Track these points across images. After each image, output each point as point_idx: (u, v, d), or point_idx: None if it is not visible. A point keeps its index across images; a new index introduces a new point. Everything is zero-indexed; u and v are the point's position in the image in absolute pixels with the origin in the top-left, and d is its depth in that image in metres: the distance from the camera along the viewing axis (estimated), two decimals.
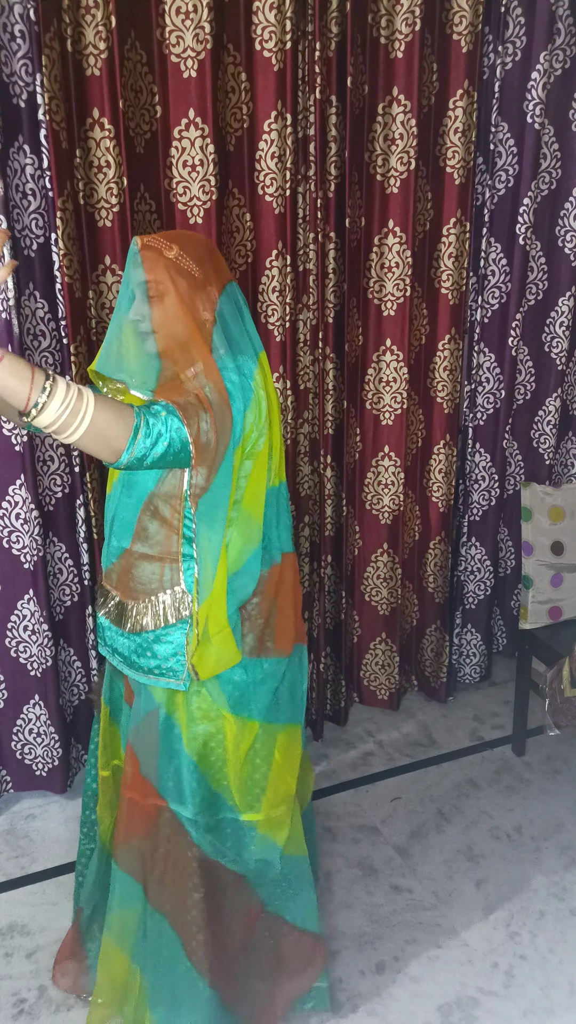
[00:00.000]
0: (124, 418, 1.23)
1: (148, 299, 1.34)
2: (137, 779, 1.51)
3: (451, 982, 1.84)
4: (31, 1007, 1.80)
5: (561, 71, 2.39)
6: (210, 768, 1.50)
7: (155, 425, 1.26)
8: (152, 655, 1.46)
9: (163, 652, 1.45)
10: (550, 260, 2.58)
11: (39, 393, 1.15)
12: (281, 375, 2.23)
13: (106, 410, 1.21)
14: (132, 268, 1.35)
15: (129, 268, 1.36)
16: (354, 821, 2.30)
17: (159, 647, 1.45)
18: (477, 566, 2.81)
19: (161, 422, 1.27)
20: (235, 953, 1.59)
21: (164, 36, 1.92)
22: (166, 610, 1.44)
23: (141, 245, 1.34)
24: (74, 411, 1.17)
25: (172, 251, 1.34)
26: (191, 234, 1.48)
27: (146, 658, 1.47)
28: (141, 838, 1.53)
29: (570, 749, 2.58)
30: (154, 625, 1.45)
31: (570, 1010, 1.78)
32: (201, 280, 1.36)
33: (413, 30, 2.13)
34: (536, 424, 2.74)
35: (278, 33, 1.96)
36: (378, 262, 2.35)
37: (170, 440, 1.27)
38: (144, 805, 1.51)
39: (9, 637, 2.23)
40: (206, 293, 1.36)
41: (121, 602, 1.49)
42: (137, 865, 1.54)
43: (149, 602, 1.45)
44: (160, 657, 1.46)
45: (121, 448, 1.23)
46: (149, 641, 1.46)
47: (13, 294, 1.92)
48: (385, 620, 2.71)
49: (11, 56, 1.82)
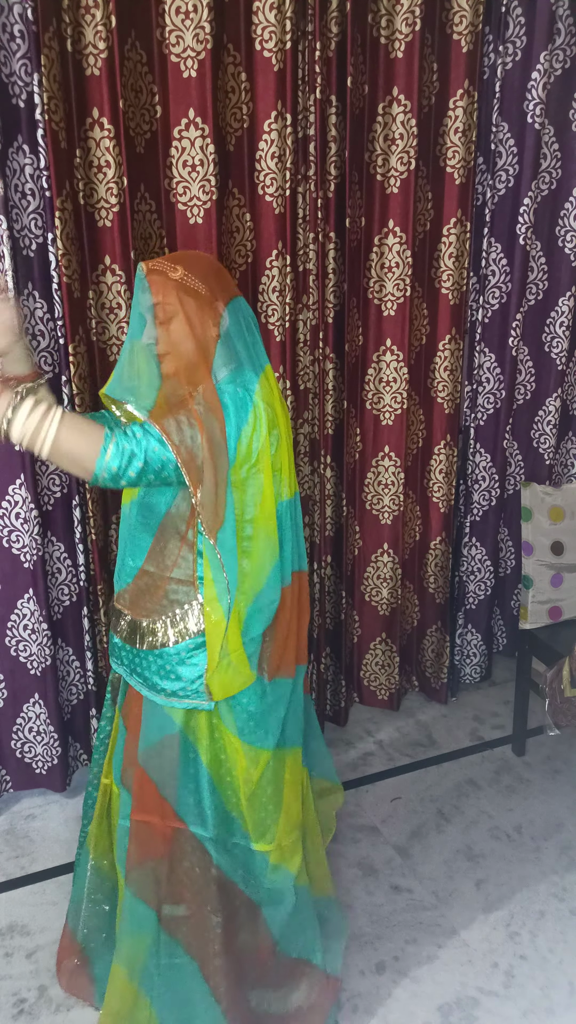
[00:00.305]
0: (90, 437, 1.27)
1: (157, 322, 1.36)
2: (154, 801, 1.49)
3: (451, 982, 1.84)
4: (31, 1007, 1.80)
5: (561, 71, 2.39)
6: (225, 790, 1.50)
7: (127, 445, 1.28)
8: (177, 677, 1.46)
9: (189, 675, 1.45)
10: (550, 260, 2.58)
11: (7, 410, 1.25)
12: (281, 375, 2.23)
13: (72, 429, 1.27)
14: (140, 293, 1.37)
15: (138, 293, 1.38)
16: (354, 821, 2.30)
17: (184, 669, 1.45)
18: (477, 566, 2.81)
19: (135, 443, 1.29)
20: (248, 986, 1.58)
21: (164, 36, 1.92)
22: (187, 625, 1.44)
23: (147, 270, 1.36)
24: (36, 429, 1.25)
25: (177, 272, 1.36)
26: (195, 253, 1.50)
27: (170, 680, 1.46)
28: (157, 861, 1.52)
29: (570, 749, 2.58)
30: (172, 642, 1.45)
31: (570, 1010, 1.78)
32: (208, 297, 1.37)
33: (413, 30, 2.13)
34: (536, 424, 2.74)
35: (278, 33, 1.96)
36: (378, 262, 2.35)
37: (145, 460, 1.29)
38: (161, 827, 1.50)
39: (9, 636, 2.23)
40: (213, 309, 1.38)
41: (134, 620, 1.49)
42: (151, 890, 1.52)
43: (164, 620, 1.45)
44: (185, 679, 1.45)
45: (91, 467, 1.28)
46: (174, 663, 1.46)
47: (12, 294, 1.92)
48: (385, 620, 2.71)
49: (10, 56, 1.82)
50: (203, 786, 1.49)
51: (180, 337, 1.36)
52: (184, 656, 1.45)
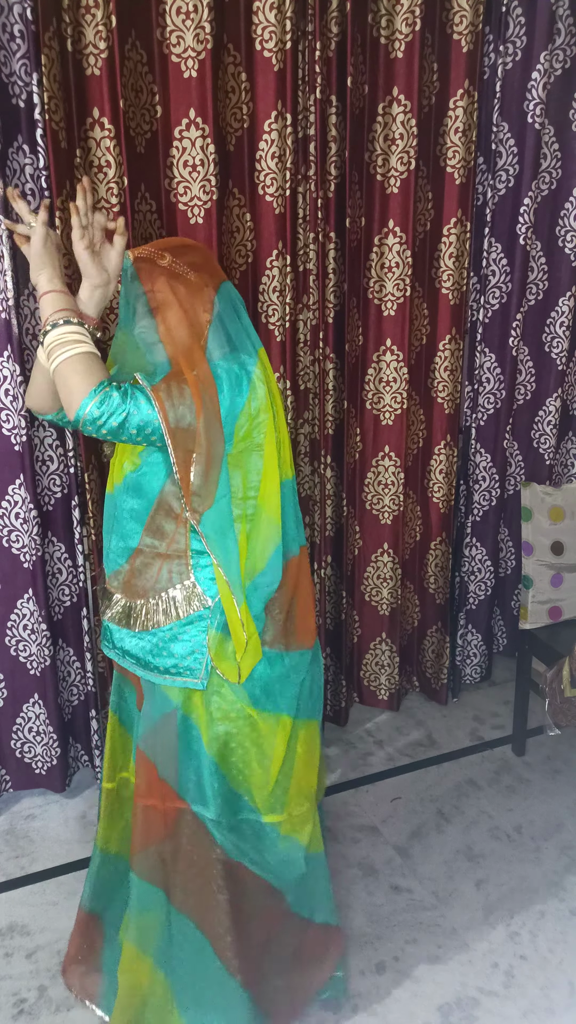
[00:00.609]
0: (88, 379, 1.32)
1: (150, 310, 1.36)
2: (154, 784, 1.49)
3: (451, 982, 1.84)
4: (31, 1007, 1.80)
5: (561, 71, 2.39)
6: (230, 769, 1.49)
7: (117, 398, 1.31)
8: (169, 654, 1.45)
9: (180, 650, 1.45)
10: (550, 260, 2.58)
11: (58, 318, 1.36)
12: (281, 375, 2.23)
13: (81, 363, 1.33)
14: (129, 283, 1.37)
15: (127, 283, 1.38)
16: (354, 821, 2.30)
17: (176, 645, 1.45)
18: (478, 567, 2.81)
19: (129, 399, 1.32)
20: (258, 952, 1.59)
21: (164, 36, 1.92)
22: (178, 606, 1.44)
23: (134, 258, 1.37)
24: (60, 345, 1.34)
25: (165, 259, 1.37)
26: (181, 239, 1.49)
27: (162, 657, 1.46)
28: (161, 843, 1.52)
29: (570, 749, 2.58)
30: (166, 621, 1.44)
31: (570, 1010, 1.78)
32: (197, 283, 1.37)
33: (413, 30, 2.13)
34: (536, 424, 2.74)
35: (278, 33, 1.96)
36: (378, 262, 2.35)
37: (127, 415, 1.31)
38: (164, 809, 1.50)
39: (9, 636, 2.23)
40: (203, 295, 1.38)
41: (128, 603, 1.49)
42: (158, 871, 1.52)
43: (160, 599, 1.45)
44: (177, 656, 1.45)
45: (75, 406, 1.31)
46: (166, 640, 1.45)
47: (12, 294, 1.92)
48: (385, 620, 2.71)
49: (10, 56, 1.82)
50: (204, 765, 1.48)
51: (173, 323, 1.36)
52: (176, 632, 1.45)
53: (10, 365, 1.98)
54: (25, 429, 2.03)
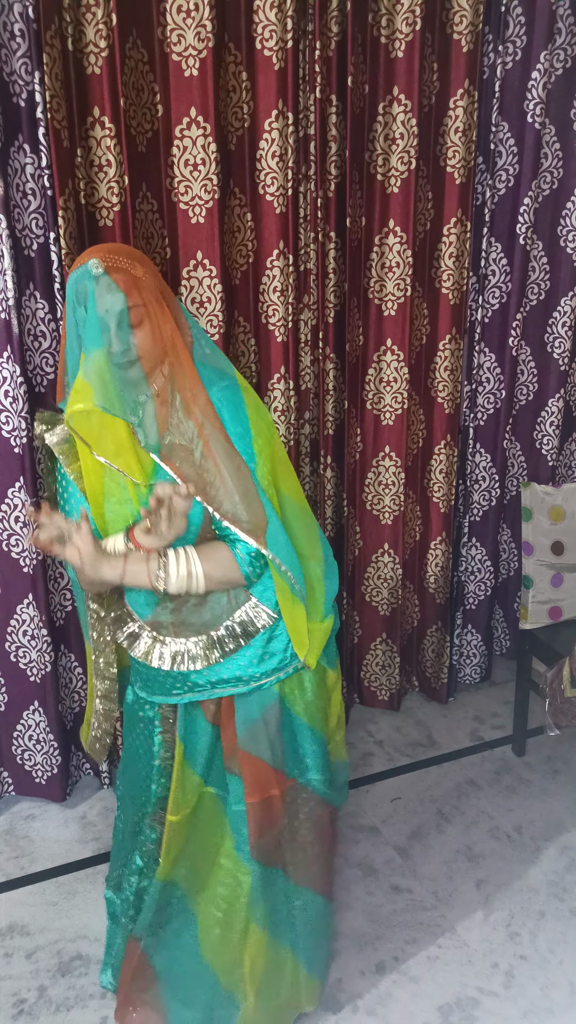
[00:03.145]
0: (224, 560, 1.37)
1: (131, 327, 1.28)
2: (269, 775, 1.52)
3: (451, 982, 1.84)
4: (31, 1007, 1.80)
5: (562, 70, 2.39)
6: (319, 728, 1.57)
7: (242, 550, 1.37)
8: (271, 655, 1.48)
9: (279, 646, 1.48)
10: (552, 260, 2.58)
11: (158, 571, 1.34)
12: (282, 375, 2.23)
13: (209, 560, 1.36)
14: (103, 295, 1.24)
15: (95, 296, 1.24)
16: (354, 821, 2.30)
17: (275, 644, 1.48)
18: (477, 567, 2.81)
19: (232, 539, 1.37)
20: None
21: (165, 35, 1.92)
22: (246, 629, 1.46)
23: (107, 268, 1.25)
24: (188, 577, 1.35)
25: (138, 269, 1.29)
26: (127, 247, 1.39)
27: (267, 661, 1.48)
28: (278, 826, 1.57)
29: (570, 749, 2.58)
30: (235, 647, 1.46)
31: (570, 1010, 1.78)
32: (171, 296, 1.35)
33: (414, 29, 2.12)
34: (539, 425, 2.74)
35: (279, 32, 1.96)
36: (379, 262, 2.35)
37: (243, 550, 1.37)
38: (281, 793, 1.55)
39: (9, 641, 2.22)
40: (177, 308, 1.35)
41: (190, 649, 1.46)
42: (275, 854, 1.58)
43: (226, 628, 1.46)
44: (280, 652, 1.48)
45: (240, 580, 1.39)
46: (264, 642, 1.47)
47: (14, 294, 1.92)
48: (386, 621, 2.70)
49: (11, 55, 1.82)
50: (304, 736, 1.55)
51: (153, 341, 1.28)
52: (270, 632, 1.47)
53: (10, 366, 1.98)
54: (25, 431, 2.02)
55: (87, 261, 1.27)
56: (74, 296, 1.28)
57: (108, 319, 1.26)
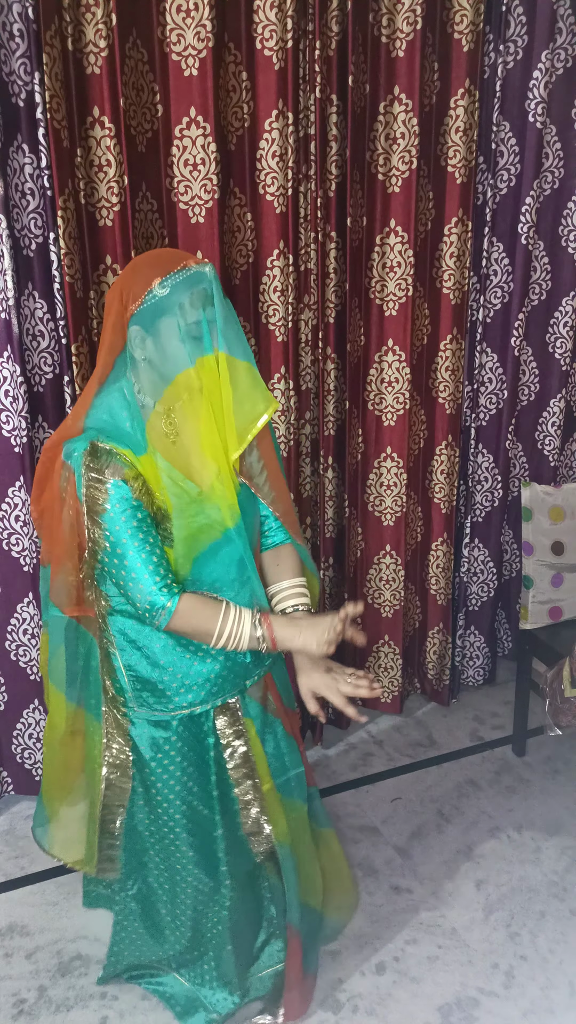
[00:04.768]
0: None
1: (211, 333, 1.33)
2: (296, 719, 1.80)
3: (451, 982, 1.84)
4: (31, 1007, 1.80)
5: (563, 70, 2.38)
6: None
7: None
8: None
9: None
10: (554, 260, 2.57)
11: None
12: (283, 375, 2.23)
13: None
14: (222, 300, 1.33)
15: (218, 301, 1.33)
16: (354, 821, 2.30)
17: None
18: (480, 568, 2.81)
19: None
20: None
21: (165, 34, 1.91)
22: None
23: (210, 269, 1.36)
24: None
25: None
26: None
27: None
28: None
29: (570, 749, 2.58)
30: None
31: (570, 1010, 1.78)
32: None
33: (414, 29, 2.12)
34: (540, 425, 2.73)
35: (279, 32, 1.96)
36: (380, 262, 2.34)
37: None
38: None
39: (9, 640, 2.23)
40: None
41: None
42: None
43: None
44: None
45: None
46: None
47: (13, 294, 1.92)
48: (388, 622, 2.70)
49: (10, 55, 1.82)
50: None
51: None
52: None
53: (10, 365, 1.98)
54: (25, 431, 2.03)
55: (202, 265, 1.35)
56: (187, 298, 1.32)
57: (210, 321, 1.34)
